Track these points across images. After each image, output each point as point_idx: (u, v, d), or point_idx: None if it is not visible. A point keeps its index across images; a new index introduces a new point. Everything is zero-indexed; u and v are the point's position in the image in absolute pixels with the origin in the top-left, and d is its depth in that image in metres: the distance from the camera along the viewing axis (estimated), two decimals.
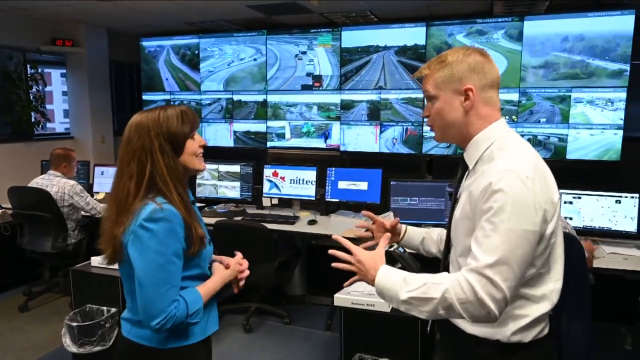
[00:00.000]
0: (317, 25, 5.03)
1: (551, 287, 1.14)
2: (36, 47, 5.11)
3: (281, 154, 4.99)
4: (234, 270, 1.43)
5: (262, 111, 5.34)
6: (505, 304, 1.04)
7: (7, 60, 4.94)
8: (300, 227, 3.22)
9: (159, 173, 1.24)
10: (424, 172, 4.79)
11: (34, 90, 5.29)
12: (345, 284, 1.27)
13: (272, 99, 5.28)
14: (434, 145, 4.64)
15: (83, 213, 3.58)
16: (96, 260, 2.81)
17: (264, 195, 3.71)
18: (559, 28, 4.15)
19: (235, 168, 3.73)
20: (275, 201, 3.83)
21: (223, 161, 3.78)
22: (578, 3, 4.11)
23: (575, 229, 2.23)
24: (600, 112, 4.11)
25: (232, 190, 3.73)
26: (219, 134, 5.53)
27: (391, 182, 3.16)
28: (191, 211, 1.29)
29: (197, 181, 3.79)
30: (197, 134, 1.35)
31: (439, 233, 1.48)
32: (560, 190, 1.19)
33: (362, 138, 4.94)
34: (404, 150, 4.78)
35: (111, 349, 2.61)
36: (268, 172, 3.67)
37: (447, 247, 1.28)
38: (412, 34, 4.59)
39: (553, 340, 1.22)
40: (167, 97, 5.82)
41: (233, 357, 2.94)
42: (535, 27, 4.21)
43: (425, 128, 4.66)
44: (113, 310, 2.66)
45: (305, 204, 3.63)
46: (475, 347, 1.18)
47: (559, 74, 4.19)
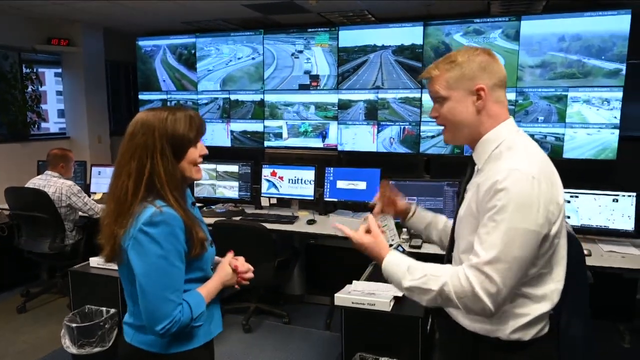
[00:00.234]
0: (315, 24, 5.03)
1: (552, 287, 1.15)
2: (32, 46, 5.08)
3: (278, 153, 4.99)
4: (230, 273, 1.39)
5: (260, 111, 5.33)
6: (502, 300, 1.06)
7: (3, 60, 4.90)
8: (300, 226, 3.22)
9: (157, 175, 1.21)
10: (422, 171, 4.80)
11: (29, 90, 5.25)
12: (336, 225, 1.36)
13: (270, 98, 5.27)
14: (431, 145, 4.66)
15: (80, 213, 3.56)
16: (95, 261, 2.79)
17: (262, 195, 3.71)
18: (555, 28, 4.18)
19: (234, 168, 3.72)
20: (273, 201, 3.83)
21: (221, 161, 3.76)
22: (574, 3, 4.14)
23: (573, 228, 2.25)
24: (596, 111, 4.14)
25: (230, 190, 3.72)
26: (216, 134, 5.52)
27: (390, 182, 3.16)
28: (189, 214, 1.26)
29: (195, 181, 3.77)
30: (201, 142, 1.32)
31: (444, 222, 1.49)
32: None
33: (360, 138, 4.95)
34: (402, 149, 4.79)
35: (110, 350, 2.61)
36: (266, 171, 3.67)
37: (451, 243, 1.29)
38: (410, 34, 4.60)
39: (553, 339, 1.23)
40: (164, 96, 5.80)
41: (233, 357, 2.94)
42: (532, 27, 4.24)
43: (422, 127, 4.67)
44: (112, 311, 2.65)
45: (304, 204, 3.63)
46: (474, 344, 1.19)
47: (556, 74, 4.22)
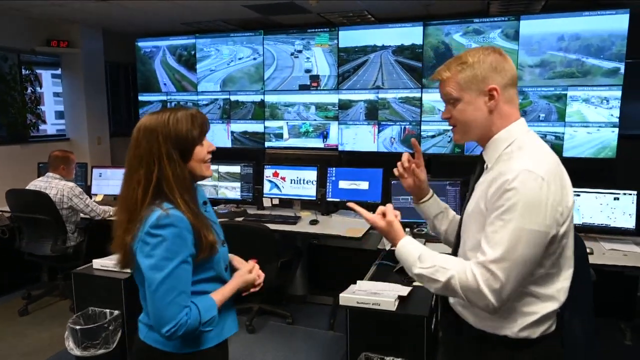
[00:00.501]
0: (314, 25, 5.03)
1: (559, 287, 1.16)
2: (31, 48, 5.07)
3: (279, 154, 4.99)
4: (249, 282, 1.40)
5: (260, 111, 5.33)
6: (506, 298, 1.08)
7: (2, 61, 4.88)
8: (302, 227, 3.23)
9: (165, 179, 1.22)
10: None
11: (28, 91, 5.24)
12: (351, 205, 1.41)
13: (270, 99, 5.28)
14: (431, 145, 4.67)
15: (82, 215, 3.56)
16: (98, 263, 2.78)
17: (264, 195, 3.71)
18: (554, 27, 4.19)
19: (236, 169, 3.72)
20: (275, 201, 3.83)
21: (223, 162, 3.76)
22: (573, 3, 4.16)
23: (574, 226, 2.25)
24: (595, 110, 4.16)
25: (232, 191, 3.73)
26: (216, 135, 5.51)
27: (392, 182, 3.17)
28: (199, 216, 1.26)
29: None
30: (207, 139, 1.33)
31: (453, 215, 1.48)
32: None
33: (360, 137, 4.95)
34: (402, 149, 4.80)
35: (115, 352, 2.61)
36: (268, 172, 3.67)
37: (457, 240, 1.30)
38: (410, 34, 4.61)
39: (559, 336, 1.24)
40: (164, 97, 5.79)
41: (237, 358, 2.94)
42: (531, 27, 4.25)
43: (423, 127, 4.68)
44: (116, 312, 2.64)
45: (306, 204, 3.63)
46: (480, 343, 1.20)
47: (555, 73, 4.24)
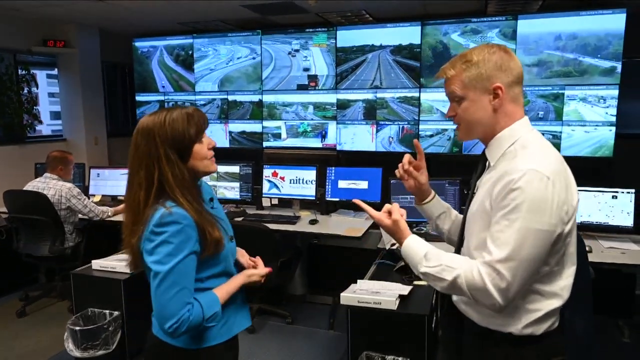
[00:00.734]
0: (312, 25, 5.03)
1: (563, 284, 1.17)
2: (27, 48, 5.04)
3: (277, 153, 4.98)
4: (253, 278, 1.41)
5: (258, 111, 5.33)
6: (512, 296, 1.08)
7: None
8: (302, 226, 3.23)
9: (166, 181, 1.23)
10: None
11: (25, 92, 5.21)
12: (357, 201, 1.39)
13: (268, 99, 5.27)
14: (430, 144, 4.67)
15: (80, 216, 3.54)
16: (97, 263, 2.77)
17: (263, 195, 3.70)
18: (552, 27, 4.21)
19: (235, 169, 3.71)
20: (275, 201, 3.82)
21: (222, 162, 3.75)
22: (570, 2, 4.18)
23: None
24: (592, 109, 4.18)
25: (231, 191, 3.72)
26: (214, 135, 5.50)
27: (391, 181, 3.17)
28: (203, 214, 1.27)
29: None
30: (206, 135, 1.33)
31: (456, 215, 1.48)
32: None
33: (359, 137, 4.96)
34: (400, 149, 4.81)
35: (114, 353, 2.60)
36: (267, 172, 3.67)
37: (460, 239, 1.30)
38: (408, 33, 4.61)
39: (562, 333, 1.25)
40: (161, 97, 5.78)
41: (237, 358, 2.93)
42: (529, 26, 4.27)
43: (421, 126, 4.69)
44: (116, 313, 2.64)
45: (305, 204, 3.63)
46: (484, 339, 1.20)
47: (552, 72, 4.26)
